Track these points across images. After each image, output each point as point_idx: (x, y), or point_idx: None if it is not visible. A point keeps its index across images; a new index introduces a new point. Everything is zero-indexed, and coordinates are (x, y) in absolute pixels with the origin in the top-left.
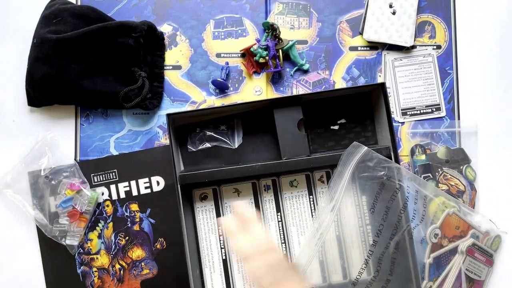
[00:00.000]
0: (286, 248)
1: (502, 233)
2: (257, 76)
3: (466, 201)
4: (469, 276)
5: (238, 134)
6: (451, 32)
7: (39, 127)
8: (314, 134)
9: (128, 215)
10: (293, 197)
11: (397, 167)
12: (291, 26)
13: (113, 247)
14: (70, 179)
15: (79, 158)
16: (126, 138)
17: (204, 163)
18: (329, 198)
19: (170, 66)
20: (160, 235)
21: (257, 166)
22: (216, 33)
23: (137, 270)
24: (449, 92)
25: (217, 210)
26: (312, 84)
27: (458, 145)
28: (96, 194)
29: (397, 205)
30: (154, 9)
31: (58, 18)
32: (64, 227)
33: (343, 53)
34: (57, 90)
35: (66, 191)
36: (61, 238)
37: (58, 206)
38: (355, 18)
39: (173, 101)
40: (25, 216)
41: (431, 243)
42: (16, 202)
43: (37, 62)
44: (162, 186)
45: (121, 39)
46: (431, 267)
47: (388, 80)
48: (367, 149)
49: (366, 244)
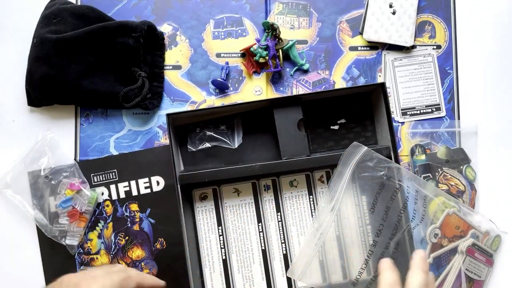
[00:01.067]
0: (286, 248)
1: (502, 233)
2: (257, 76)
3: (466, 201)
4: (469, 276)
5: (238, 134)
6: (451, 32)
7: (39, 127)
8: (314, 134)
9: (128, 215)
10: (293, 197)
11: (397, 167)
12: (291, 26)
13: (113, 247)
14: (70, 179)
15: (79, 158)
16: (126, 138)
17: (204, 163)
18: (329, 198)
19: (170, 66)
20: (160, 235)
21: (257, 166)
22: (216, 33)
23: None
24: (449, 92)
25: (217, 210)
26: (312, 84)
27: (458, 145)
28: (96, 194)
29: (397, 205)
30: (154, 9)
31: (58, 18)
32: (64, 227)
33: (343, 53)
34: (57, 90)
35: (66, 191)
36: (61, 238)
37: (58, 206)
38: (355, 18)
39: (173, 101)
40: (25, 216)
41: (431, 243)
42: (16, 202)
43: (37, 62)
44: (162, 186)
45: (121, 39)
46: (431, 267)
47: (388, 80)
48: (367, 149)
49: (366, 244)
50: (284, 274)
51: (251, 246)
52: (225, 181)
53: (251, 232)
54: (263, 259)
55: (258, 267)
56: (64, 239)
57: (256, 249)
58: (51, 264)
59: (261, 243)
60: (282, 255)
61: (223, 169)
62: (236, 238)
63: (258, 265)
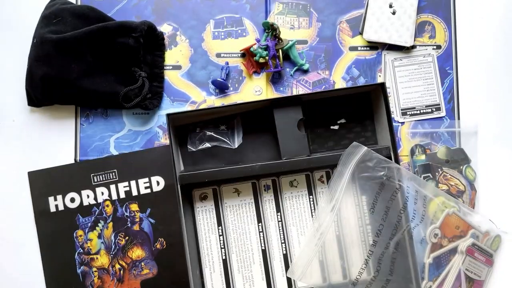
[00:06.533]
0: (286, 248)
1: (502, 233)
2: (257, 76)
3: (466, 201)
4: (469, 276)
5: (238, 134)
6: (451, 32)
7: (39, 127)
8: (314, 134)
9: (128, 215)
10: (293, 197)
11: (397, 167)
12: (291, 26)
13: (113, 247)
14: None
15: (79, 158)
16: (126, 138)
17: (204, 163)
18: (329, 198)
19: (170, 66)
20: (160, 235)
21: (257, 166)
22: (216, 33)
23: (137, 270)
24: (449, 92)
25: (217, 210)
26: (312, 84)
27: (458, 145)
28: None
29: (397, 205)
30: (154, 9)
31: (58, 18)
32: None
33: (343, 53)
34: (57, 90)
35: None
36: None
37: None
38: (355, 18)
39: (173, 101)
40: (25, 216)
41: (431, 243)
42: (16, 202)
43: (37, 62)
44: (162, 186)
45: (121, 39)
46: (431, 267)
47: (388, 80)
48: (366, 149)
49: (366, 244)
50: (284, 274)
51: (251, 246)
52: (225, 181)
53: (251, 232)
54: (263, 259)
55: (258, 267)
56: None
57: (256, 249)
58: (51, 264)
59: (261, 243)
60: (282, 255)
61: (223, 169)
62: (236, 238)
63: (258, 265)
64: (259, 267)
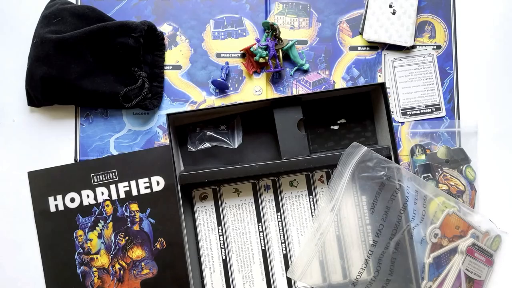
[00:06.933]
0: (286, 248)
1: (502, 233)
2: (257, 76)
3: (466, 201)
4: (469, 276)
5: (238, 134)
6: (451, 32)
7: (39, 127)
8: (314, 134)
9: (128, 215)
10: (293, 197)
11: (397, 167)
12: (291, 26)
13: (113, 247)
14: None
15: (79, 158)
16: (126, 138)
17: (204, 163)
18: (329, 198)
19: (170, 66)
20: (160, 235)
21: (257, 166)
22: (216, 33)
23: (137, 270)
24: (449, 92)
25: (217, 210)
26: (312, 84)
27: (458, 145)
28: None
29: (397, 205)
30: (154, 9)
31: (58, 18)
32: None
33: (343, 53)
34: (57, 90)
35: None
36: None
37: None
38: (355, 18)
39: (173, 101)
40: (25, 216)
41: (431, 243)
42: (16, 202)
43: (37, 62)
44: (162, 186)
45: (121, 39)
46: (431, 267)
47: (388, 80)
48: (366, 149)
49: (366, 244)
50: (284, 274)
51: (251, 246)
52: (225, 181)
53: (251, 232)
54: (263, 259)
55: (258, 267)
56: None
57: (256, 249)
58: (51, 264)
59: (261, 243)
60: (282, 255)
61: (223, 169)
62: (236, 238)
63: (258, 265)
64: (259, 267)
